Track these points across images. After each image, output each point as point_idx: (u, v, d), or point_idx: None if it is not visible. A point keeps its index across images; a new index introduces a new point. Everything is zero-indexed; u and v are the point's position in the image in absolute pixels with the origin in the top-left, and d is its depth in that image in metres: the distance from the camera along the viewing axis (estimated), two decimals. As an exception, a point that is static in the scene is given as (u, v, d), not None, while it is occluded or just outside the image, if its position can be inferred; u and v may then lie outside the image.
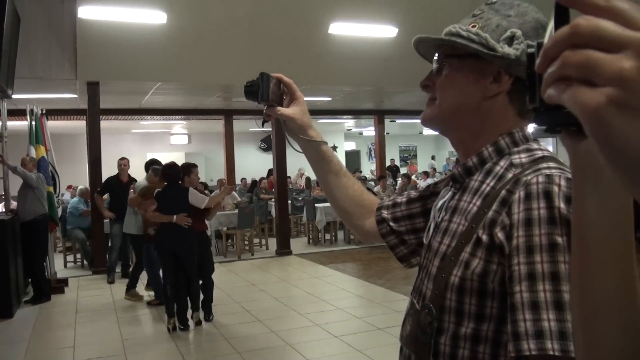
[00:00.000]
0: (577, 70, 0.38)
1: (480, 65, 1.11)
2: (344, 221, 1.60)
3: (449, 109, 1.15)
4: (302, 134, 1.46)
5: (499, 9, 1.13)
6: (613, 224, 0.54)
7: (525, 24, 1.10)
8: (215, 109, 13.70)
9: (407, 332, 1.18)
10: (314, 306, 7.14)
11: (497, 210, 1.01)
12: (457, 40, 1.09)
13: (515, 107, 1.12)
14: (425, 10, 8.96)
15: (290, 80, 1.46)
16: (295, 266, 10.07)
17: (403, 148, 25.36)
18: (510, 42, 1.07)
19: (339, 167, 1.52)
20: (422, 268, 1.20)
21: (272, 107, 1.42)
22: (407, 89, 11.49)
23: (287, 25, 8.77)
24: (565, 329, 0.86)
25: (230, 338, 5.89)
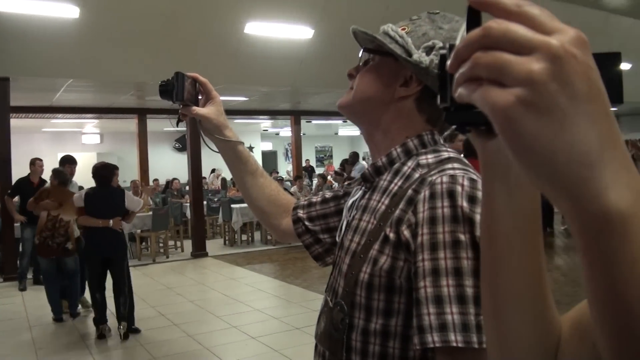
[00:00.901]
0: (488, 71, 0.39)
1: (397, 66, 1.14)
2: (261, 221, 1.61)
3: (360, 99, 1.19)
4: (218, 134, 1.46)
5: (436, 20, 1.16)
6: (521, 218, 0.56)
7: (452, 38, 1.13)
8: (128, 108, 13.30)
9: (321, 330, 1.20)
10: (231, 308, 7.06)
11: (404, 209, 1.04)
12: (379, 38, 1.13)
13: (424, 115, 1.16)
14: (341, 12, 9.06)
15: (206, 79, 1.45)
16: (211, 268, 9.93)
17: (319, 148, 25.57)
18: (429, 52, 1.11)
19: (255, 167, 1.53)
20: (336, 266, 1.23)
21: (187, 106, 1.40)
22: (323, 90, 11.58)
23: (202, 23, 8.65)
24: (468, 321, 0.91)
25: (146, 344, 5.74)
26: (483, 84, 0.39)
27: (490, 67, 0.38)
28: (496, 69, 0.38)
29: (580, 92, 0.38)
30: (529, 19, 0.39)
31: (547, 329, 0.61)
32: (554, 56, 0.37)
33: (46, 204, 6.34)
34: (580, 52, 0.38)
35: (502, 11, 0.40)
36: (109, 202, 5.94)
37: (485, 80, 0.39)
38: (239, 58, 9.41)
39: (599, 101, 0.39)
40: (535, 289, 0.59)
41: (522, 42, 0.38)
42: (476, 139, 0.51)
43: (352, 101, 1.20)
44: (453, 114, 0.45)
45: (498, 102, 0.38)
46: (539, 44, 0.38)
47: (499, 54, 0.38)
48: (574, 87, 0.37)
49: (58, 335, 6.27)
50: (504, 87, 0.38)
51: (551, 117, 0.37)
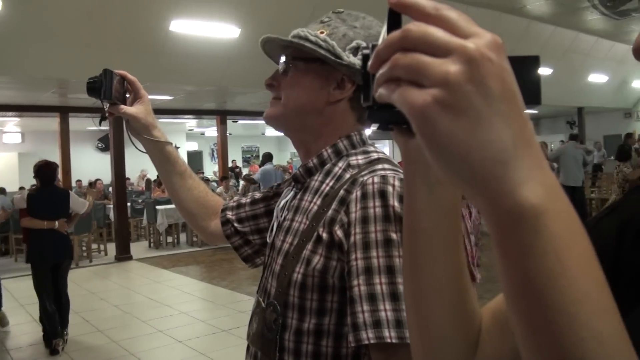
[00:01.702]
0: (406, 72, 0.40)
1: (325, 70, 1.14)
2: (189, 223, 1.59)
3: (293, 109, 1.18)
4: (146, 134, 1.43)
5: (346, 19, 1.17)
6: (442, 214, 0.57)
7: (370, 37, 1.15)
8: (50, 106, 12.76)
9: (253, 331, 1.20)
10: (157, 312, 6.92)
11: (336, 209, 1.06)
12: (306, 44, 1.12)
13: (356, 114, 1.18)
14: (268, 12, 9.04)
15: (135, 78, 1.43)
16: (136, 271, 9.70)
17: (245, 149, 25.42)
18: (356, 52, 1.12)
19: (183, 168, 1.51)
20: (267, 267, 1.23)
21: (115, 105, 1.37)
22: (249, 90, 11.50)
23: (127, 19, 8.41)
24: (401, 317, 0.93)
25: (71, 351, 5.55)
26: (402, 84, 0.40)
27: (408, 68, 0.40)
28: (414, 70, 0.40)
29: (494, 93, 0.39)
30: (446, 22, 0.40)
31: (467, 321, 0.63)
32: (470, 59, 0.39)
33: None
34: (495, 55, 0.39)
35: (420, 14, 0.41)
36: (53, 202, 5.54)
37: (404, 81, 0.40)
38: (164, 56, 9.22)
39: (512, 102, 0.40)
40: (455, 283, 0.61)
41: (439, 44, 0.39)
42: (398, 137, 0.52)
43: (284, 112, 1.19)
44: (376, 112, 0.46)
45: (415, 102, 0.39)
46: (455, 47, 0.39)
47: (417, 55, 0.40)
48: (488, 88, 0.39)
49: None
50: (422, 87, 0.39)
51: (466, 117, 0.39)
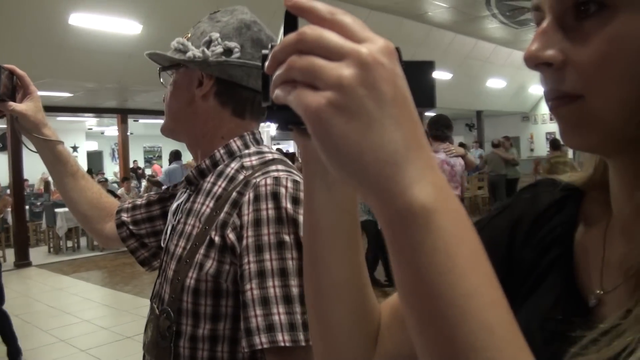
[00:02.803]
0: (301, 74, 0.41)
1: (188, 72, 1.17)
2: (83, 226, 1.54)
3: (171, 118, 1.22)
4: (36, 133, 1.37)
5: (216, 16, 1.19)
6: (341, 213, 0.59)
7: (227, 26, 1.16)
8: None
9: (148, 339, 1.17)
10: (58, 320, 6.63)
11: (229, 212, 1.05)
12: (168, 54, 1.16)
13: (228, 108, 1.18)
14: (170, 9, 8.89)
15: (24, 73, 1.36)
16: (36, 278, 9.25)
17: (148, 149, 24.90)
18: (208, 46, 1.13)
19: (75, 168, 1.46)
20: (161, 272, 1.21)
21: (3, 102, 1.31)
22: (151, 88, 11.24)
23: (23, 11, 7.99)
24: (295, 320, 0.93)
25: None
26: (298, 86, 0.41)
27: (303, 71, 0.41)
28: (309, 72, 0.40)
29: (386, 96, 0.40)
30: (341, 26, 0.42)
31: (366, 318, 0.65)
32: (363, 63, 0.40)
33: None
34: (387, 60, 0.41)
35: (316, 17, 0.42)
36: None
37: (300, 83, 0.41)
38: (63, 50, 8.85)
39: (404, 106, 0.41)
40: (355, 281, 0.63)
41: (333, 48, 0.41)
42: (297, 137, 0.53)
43: (167, 123, 1.23)
44: (275, 112, 0.46)
45: (310, 104, 0.40)
46: (349, 51, 0.40)
47: (312, 58, 0.41)
48: (380, 92, 0.40)
49: None
50: (317, 90, 0.40)
51: (359, 119, 0.40)
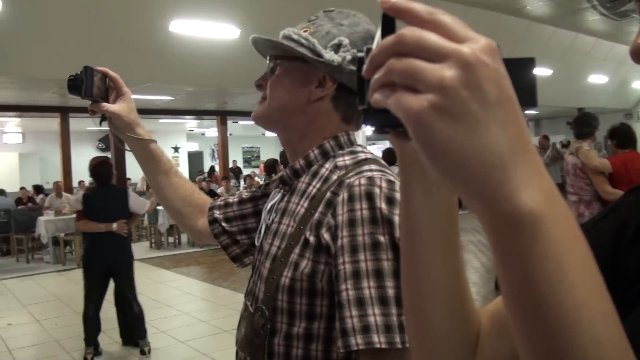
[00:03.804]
0: (401, 77, 0.40)
1: (307, 69, 1.14)
2: (176, 221, 1.57)
3: (275, 109, 1.18)
4: (129, 132, 1.41)
5: (334, 17, 1.16)
6: (439, 217, 0.57)
7: (355, 34, 1.13)
8: (50, 106, 12.76)
9: (241, 335, 1.19)
10: (158, 312, 6.89)
11: (323, 212, 1.04)
12: (285, 42, 1.12)
13: (340, 113, 1.16)
14: (266, 12, 9.03)
15: (117, 75, 1.41)
16: (138, 272, 9.49)
17: (246, 149, 25.38)
18: (337, 50, 1.11)
19: (168, 166, 1.49)
20: (255, 270, 1.22)
21: (97, 102, 1.36)
22: (249, 90, 11.45)
23: (127, 20, 8.40)
24: (390, 322, 0.91)
25: (73, 351, 5.55)
26: (397, 89, 0.40)
27: (403, 74, 0.39)
28: (409, 75, 0.39)
29: (490, 98, 0.39)
30: (441, 27, 0.40)
31: (466, 324, 0.63)
32: (465, 63, 0.38)
33: None
34: (490, 60, 0.39)
35: (415, 19, 0.41)
36: (110, 203, 5.13)
37: (399, 86, 0.40)
38: (164, 56, 9.22)
39: (509, 107, 0.40)
40: (454, 285, 0.61)
41: (434, 49, 0.39)
42: (394, 140, 0.52)
43: (267, 111, 1.19)
44: (371, 115, 0.46)
45: (411, 108, 0.39)
46: (450, 52, 0.39)
47: (412, 61, 0.39)
48: (484, 93, 0.39)
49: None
50: (418, 93, 0.39)
51: (463, 122, 0.39)
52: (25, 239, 10.94)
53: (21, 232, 11.00)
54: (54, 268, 10.22)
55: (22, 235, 11.01)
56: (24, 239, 10.98)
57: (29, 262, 10.97)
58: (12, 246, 11.43)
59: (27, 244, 11.00)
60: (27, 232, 10.90)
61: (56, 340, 5.97)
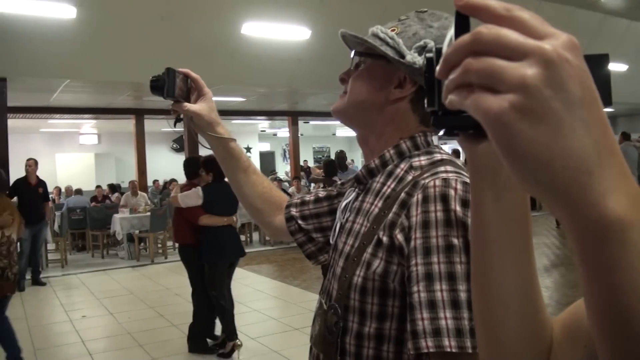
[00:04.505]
0: (479, 77, 0.38)
1: (389, 68, 1.13)
2: (254, 218, 1.60)
3: (353, 105, 1.18)
4: (209, 131, 1.45)
5: (425, 18, 1.15)
6: (511, 222, 0.55)
7: (443, 36, 1.11)
8: (125, 108, 13.27)
9: (315, 332, 1.19)
10: (230, 309, 7.04)
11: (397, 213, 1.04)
12: (370, 40, 1.12)
13: (418, 115, 1.15)
14: (338, 13, 9.07)
15: (198, 76, 1.45)
16: None
17: (317, 149, 25.53)
18: (421, 52, 1.09)
19: (247, 164, 1.52)
20: (330, 268, 1.22)
21: (178, 103, 1.40)
22: (320, 91, 11.58)
23: (200, 23, 8.64)
24: (462, 326, 0.90)
25: (145, 344, 5.74)
26: (475, 90, 0.39)
27: (482, 74, 0.38)
28: (488, 75, 0.38)
29: (575, 97, 0.37)
30: (519, 23, 0.38)
31: (538, 332, 0.61)
32: (547, 61, 0.37)
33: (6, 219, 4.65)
34: (573, 57, 0.37)
35: (491, 16, 0.39)
36: (228, 197, 4.99)
37: (477, 86, 0.38)
38: (236, 58, 9.41)
39: (593, 106, 0.38)
40: (526, 292, 0.59)
41: (514, 47, 0.37)
42: (464, 143, 0.51)
43: (346, 106, 1.20)
44: (441, 118, 0.45)
45: (491, 109, 0.37)
46: (531, 49, 0.37)
47: (491, 59, 0.38)
48: (568, 92, 0.37)
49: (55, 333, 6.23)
50: (497, 93, 0.38)
51: (546, 123, 0.37)
52: (100, 235, 11.42)
53: (96, 229, 11.49)
54: (128, 264, 10.60)
55: (97, 231, 11.49)
56: (99, 236, 11.46)
57: (104, 257, 11.44)
58: (87, 242, 11.94)
59: (102, 240, 11.47)
60: (103, 229, 11.38)
61: (129, 333, 6.18)
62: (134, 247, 11.00)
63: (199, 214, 5.15)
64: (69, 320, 6.75)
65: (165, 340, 5.88)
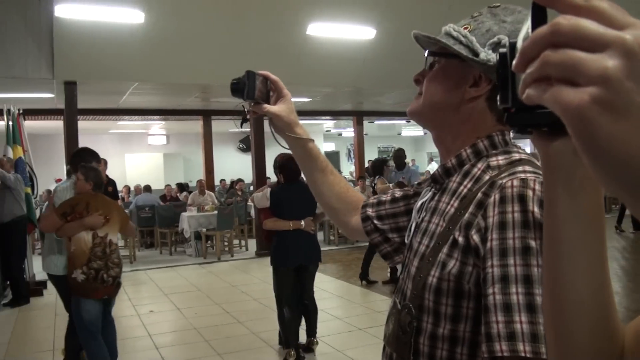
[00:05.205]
0: (559, 69, 0.37)
1: (464, 67, 1.11)
2: (331, 217, 1.62)
3: (428, 106, 1.17)
4: (288, 132, 1.47)
5: (498, 13, 1.12)
6: (585, 223, 0.54)
7: (517, 31, 1.08)
8: (193, 109, 13.62)
9: (389, 331, 1.19)
10: (294, 307, 7.10)
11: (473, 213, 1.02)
12: (442, 40, 1.10)
13: (495, 114, 1.12)
14: (403, 12, 9.00)
15: (277, 78, 1.47)
16: None
17: (382, 149, 25.41)
18: (495, 48, 1.07)
19: (325, 164, 1.54)
20: (404, 268, 1.21)
21: (258, 104, 1.42)
22: (385, 90, 11.53)
23: (265, 25, 8.75)
24: (537, 331, 0.87)
25: (211, 340, 5.87)
26: (553, 83, 0.37)
27: (561, 66, 0.37)
28: (568, 67, 0.36)
29: None
30: (598, 13, 0.37)
31: (610, 339, 0.59)
32: (629, 52, 0.35)
33: (96, 220, 4.27)
34: None
35: (569, 6, 0.38)
36: (299, 199, 4.94)
37: (556, 79, 0.37)
38: (301, 59, 9.47)
39: None
40: (598, 297, 0.57)
41: (593, 38, 0.36)
42: (538, 142, 0.50)
43: (421, 107, 1.18)
44: (514, 115, 0.44)
45: (571, 103, 0.36)
46: (612, 40, 0.36)
47: (570, 51, 0.36)
48: None
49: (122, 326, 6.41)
50: (577, 86, 0.36)
51: (628, 117, 0.35)
52: (168, 233, 11.76)
53: (165, 227, 11.83)
54: (195, 261, 10.87)
55: (165, 229, 11.83)
56: (167, 233, 11.80)
57: (172, 254, 11.77)
58: (155, 239, 12.30)
59: (170, 237, 11.80)
60: (171, 227, 11.71)
61: (195, 329, 6.33)
62: (201, 245, 11.27)
63: (266, 216, 5.08)
64: (137, 315, 6.97)
65: (231, 336, 5.99)
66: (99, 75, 8.97)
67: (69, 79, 8.97)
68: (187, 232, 11.05)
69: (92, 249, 4.21)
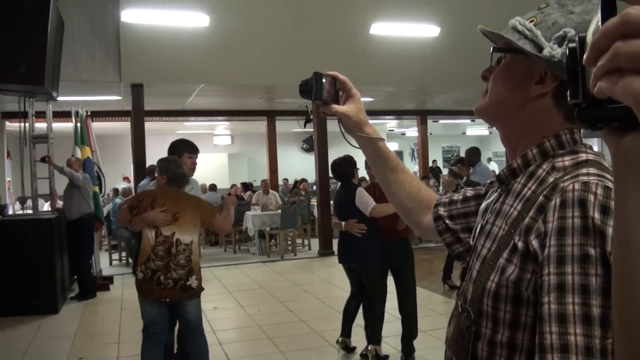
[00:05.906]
0: (630, 60, 0.36)
1: (529, 63, 1.07)
2: (402, 216, 1.59)
3: (494, 104, 1.14)
4: (358, 131, 1.47)
5: (567, 3, 1.08)
6: None
7: (584, 23, 1.03)
8: (257, 110, 13.82)
9: (450, 334, 1.17)
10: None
11: (534, 217, 0.99)
12: (506, 35, 1.07)
13: (563, 111, 1.08)
14: (467, 9, 8.86)
15: (346, 78, 1.47)
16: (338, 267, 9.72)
17: (446, 149, 25.09)
18: (562, 42, 1.03)
19: (395, 163, 1.51)
20: (468, 270, 1.19)
21: (327, 105, 1.42)
22: (449, 89, 11.37)
23: (328, 25, 8.79)
24: (592, 344, 0.84)
25: (274, 337, 5.93)
26: (625, 75, 0.36)
27: (632, 57, 0.35)
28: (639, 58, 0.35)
29: None
30: None
31: None
32: None
33: (155, 216, 3.98)
34: None
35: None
36: (342, 201, 5.10)
37: (628, 70, 0.36)
38: (364, 59, 9.45)
39: None
40: None
41: None
42: (608, 137, 0.47)
43: (487, 105, 1.15)
44: (585, 110, 0.42)
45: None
46: None
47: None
48: None
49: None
50: None
51: None
52: (232, 231, 11.89)
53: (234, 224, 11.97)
54: (259, 259, 11.04)
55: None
56: (232, 231, 11.93)
57: (236, 252, 12.00)
58: (220, 237, 12.57)
59: (234, 236, 12.00)
60: (235, 225, 11.84)
61: (258, 326, 6.41)
62: (264, 244, 11.43)
63: None
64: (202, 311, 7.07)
65: (294, 334, 6.04)
66: (165, 77, 9.22)
67: (136, 81, 9.25)
68: (251, 231, 11.24)
69: (154, 248, 3.95)
